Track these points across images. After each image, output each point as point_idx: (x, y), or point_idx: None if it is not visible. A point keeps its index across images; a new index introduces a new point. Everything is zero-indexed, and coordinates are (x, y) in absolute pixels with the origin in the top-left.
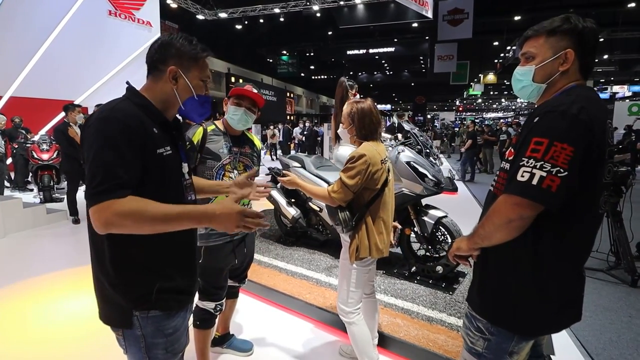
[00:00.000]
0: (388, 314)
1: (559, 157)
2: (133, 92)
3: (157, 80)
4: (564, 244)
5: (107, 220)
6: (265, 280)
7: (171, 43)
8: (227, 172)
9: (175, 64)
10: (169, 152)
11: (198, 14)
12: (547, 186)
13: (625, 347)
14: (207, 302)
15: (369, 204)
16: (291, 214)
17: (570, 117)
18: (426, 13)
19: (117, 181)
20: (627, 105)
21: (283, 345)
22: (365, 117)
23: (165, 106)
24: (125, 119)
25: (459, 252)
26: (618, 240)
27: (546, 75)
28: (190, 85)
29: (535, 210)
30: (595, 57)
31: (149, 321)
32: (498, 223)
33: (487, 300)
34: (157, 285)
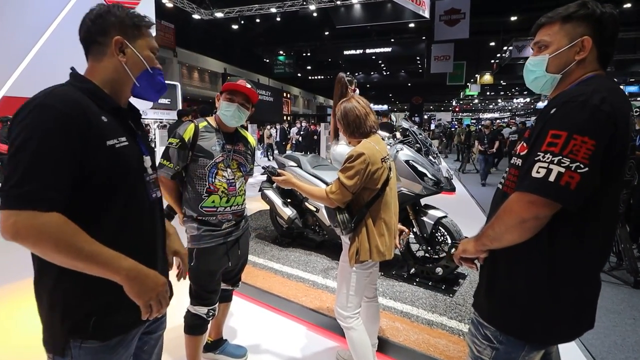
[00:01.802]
0: (387, 318)
1: (579, 151)
2: (76, 77)
3: (100, 56)
4: (582, 246)
5: (18, 232)
6: (260, 283)
7: (109, 11)
8: (220, 170)
9: (119, 33)
10: (123, 144)
11: (194, 14)
12: (565, 183)
13: (630, 350)
14: (199, 307)
15: (369, 204)
16: (287, 214)
17: (591, 107)
18: (423, 13)
19: (41, 184)
20: None
21: (278, 350)
22: (349, 113)
23: (115, 88)
24: (61, 106)
25: (465, 255)
26: (620, 240)
27: (561, 65)
28: (141, 57)
29: (552, 209)
30: (615, 45)
31: (83, 352)
32: (510, 223)
33: (496, 307)
34: (94, 316)
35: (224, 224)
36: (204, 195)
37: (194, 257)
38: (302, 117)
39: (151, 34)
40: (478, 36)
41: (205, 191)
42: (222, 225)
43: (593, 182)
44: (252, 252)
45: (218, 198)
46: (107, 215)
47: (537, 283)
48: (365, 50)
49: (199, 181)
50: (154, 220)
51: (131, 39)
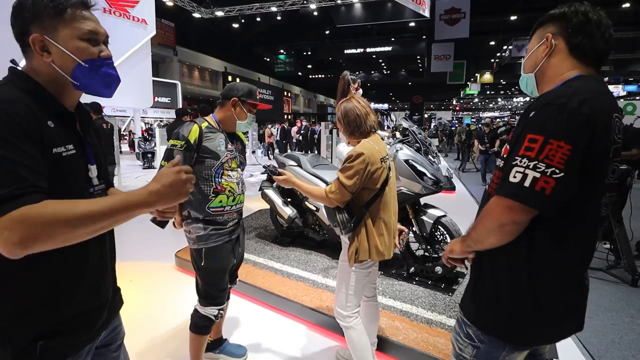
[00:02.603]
0: (386, 317)
1: (554, 156)
2: (17, 74)
3: (30, 58)
4: (563, 250)
5: (23, 236)
6: (260, 282)
7: (21, 4)
8: (225, 170)
9: (37, 29)
10: (70, 152)
11: (194, 12)
12: (540, 188)
13: (627, 348)
14: (209, 308)
15: (368, 204)
16: (287, 213)
17: (569, 111)
18: (423, 12)
19: (21, 184)
20: (623, 104)
21: (278, 349)
22: (349, 113)
23: (57, 89)
24: (7, 107)
25: (452, 255)
26: (618, 239)
27: (533, 64)
28: (66, 50)
29: (528, 214)
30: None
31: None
32: (490, 227)
33: (479, 307)
34: (40, 342)
35: (229, 223)
36: (211, 195)
37: (204, 256)
38: (303, 116)
39: (84, 14)
40: (478, 35)
41: (212, 192)
42: (227, 224)
43: (570, 187)
44: (252, 252)
45: (225, 197)
46: None
47: (518, 285)
48: (365, 49)
49: (205, 182)
50: (102, 238)
51: (51, 32)
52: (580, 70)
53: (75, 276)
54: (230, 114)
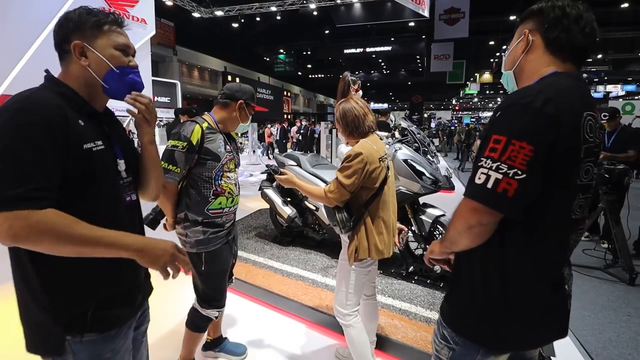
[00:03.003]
0: (385, 315)
1: (516, 157)
2: (52, 80)
3: (68, 63)
4: (533, 253)
5: (17, 234)
6: (260, 281)
7: (67, 18)
8: (225, 172)
9: (78, 37)
10: (100, 148)
11: (194, 12)
12: (502, 190)
13: (624, 346)
14: (211, 311)
15: (367, 203)
16: (287, 213)
17: (532, 111)
18: (423, 12)
19: (34, 185)
20: (621, 104)
21: (278, 348)
22: (347, 114)
23: (89, 92)
24: (42, 110)
25: (432, 255)
26: (615, 238)
27: (511, 61)
28: (102, 57)
29: (493, 216)
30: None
31: (83, 346)
32: (459, 228)
33: (453, 308)
34: (92, 306)
35: (227, 224)
36: (211, 197)
37: (204, 261)
38: (303, 116)
39: (119, 30)
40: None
41: (212, 194)
42: (224, 226)
43: (532, 189)
44: (252, 251)
45: (225, 199)
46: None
47: (491, 289)
48: (365, 49)
49: (205, 184)
50: (132, 224)
51: (91, 40)
52: (556, 66)
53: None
54: (234, 116)
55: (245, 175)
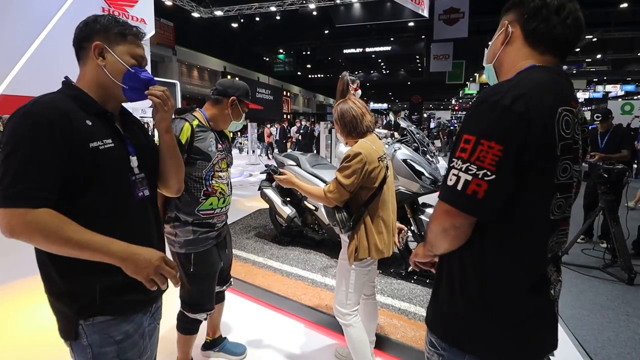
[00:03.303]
0: (385, 315)
1: (485, 157)
2: (66, 84)
3: (85, 62)
4: (510, 254)
5: (13, 229)
6: (259, 281)
7: (96, 20)
8: (216, 172)
9: (101, 39)
10: (109, 146)
11: (193, 12)
12: (472, 192)
13: (623, 345)
14: (198, 315)
15: (367, 203)
16: (286, 213)
17: (501, 109)
18: (422, 12)
19: (31, 184)
20: (620, 104)
21: (277, 348)
22: (345, 114)
23: (102, 93)
24: (46, 113)
25: (417, 259)
26: (614, 238)
27: (492, 54)
28: (120, 60)
29: (465, 218)
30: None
31: (94, 328)
32: (436, 231)
33: (437, 314)
34: (98, 288)
35: (218, 225)
36: (202, 198)
37: (193, 262)
38: (302, 116)
39: (139, 43)
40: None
41: (202, 194)
42: (215, 226)
43: (504, 190)
44: (251, 251)
45: (216, 200)
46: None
47: (470, 293)
48: (365, 49)
49: (195, 184)
50: (145, 218)
51: (112, 45)
52: (534, 59)
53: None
54: (226, 113)
55: (244, 175)
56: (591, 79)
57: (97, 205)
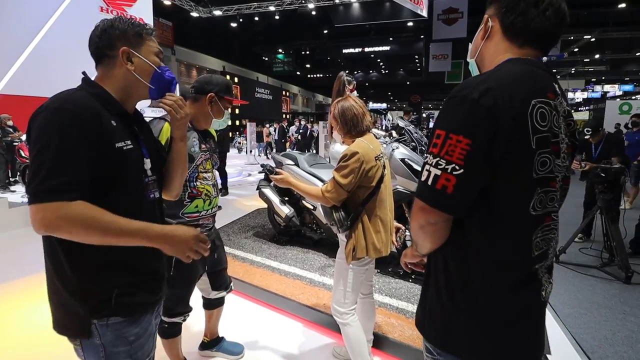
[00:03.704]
0: (383, 314)
1: (454, 151)
2: (88, 82)
3: (110, 67)
4: (491, 252)
5: (50, 223)
6: (257, 281)
7: (113, 25)
8: (200, 173)
9: (124, 44)
10: (129, 147)
11: (192, 11)
12: (442, 187)
13: (620, 344)
14: (176, 318)
15: (364, 202)
16: (284, 212)
17: (469, 102)
18: (421, 12)
19: (65, 179)
20: (618, 104)
21: (275, 347)
22: (346, 112)
23: (124, 95)
24: (79, 111)
25: (406, 259)
26: (612, 237)
27: (474, 49)
28: (148, 61)
29: (437, 214)
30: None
31: (109, 329)
32: (414, 229)
33: (426, 316)
34: (115, 291)
35: (201, 229)
36: (186, 201)
37: (174, 266)
38: (301, 116)
39: (153, 39)
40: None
41: (187, 196)
42: (199, 229)
43: (473, 184)
44: (249, 250)
45: (202, 202)
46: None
47: (453, 290)
48: (364, 48)
49: None
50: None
51: (136, 47)
52: (512, 53)
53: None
54: (205, 111)
55: (243, 175)
56: (589, 79)
57: (116, 206)
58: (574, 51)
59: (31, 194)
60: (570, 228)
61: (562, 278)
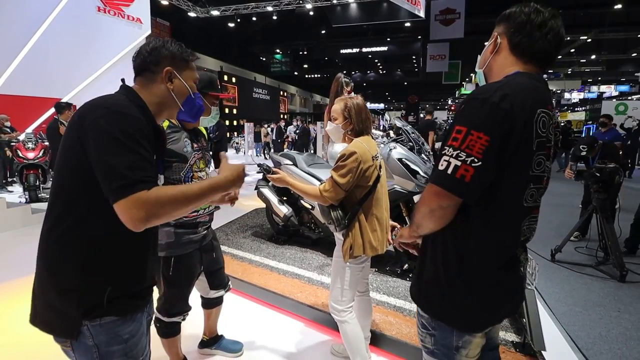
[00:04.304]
0: (380, 312)
1: (474, 146)
2: (130, 92)
3: (150, 82)
4: (487, 236)
5: (148, 212)
6: (256, 280)
7: (164, 46)
8: (195, 173)
9: (169, 65)
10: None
11: (190, 11)
12: (460, 176)
13: (614, 341)
14: (176, 317)
15: (361, 201)
16: (283, 212)
17: (490, 105)
18: (418, 12)
19: (143, 173)
20: (614, 104)
21: (274, 345)
22: (362, 112)
23: (158, 110)
24: (138, 116)
25: (401, 240)
26: (606, 236)
27: (483, 61)
28: (187, 85)
29: (451, 199)
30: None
31: (102, 329)
32: (423, 212)
33: (423, 293)
34: (107, 290)
35: (199, 227)
36: None
37: (172, 266)
38: (299, 116)
39: (195, 67)
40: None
41: None
42: (197, 228)
43: (488, 176)
44: (248, 250)
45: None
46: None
47: (451, 270)
48: (361, 49)
49: None
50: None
51: (179, 70)
52: (519, 67)
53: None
54: None
55: None
56: (586, 80)
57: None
58: (571, 52)
59: (115, 191)
60: (567, 229)
61: (557, 276)
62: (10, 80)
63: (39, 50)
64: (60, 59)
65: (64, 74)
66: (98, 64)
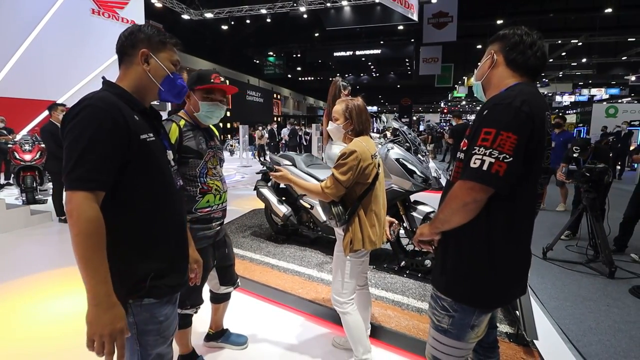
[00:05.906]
0: (379, 306)
1: (504, 144)
2: (109, 84)
3: (129, 66)
4: (513, 223)
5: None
6: (257, 277)
7: (140, 30)
8: (209, 169)
9: (145, 47)
10: (151, 139)
11: (183, 14)
12: (495, 171)
13: (603, 333)
14: (189, 310)
15: (361, 197)
16: (282, 211)
17: (514, 109)
18: (411, 16)
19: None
20: (605, 107)
21: (277, 338)
22: (363, 113)
23: (141, 93)
24: (107, 107)
25: (422, 237)
26: (596, 235)
27: (481, 74)
28: (163, 65)
29: (486, 193)
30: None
31: (143, 309)
32: (455, 207)
33: (450, 280)
34: (151, 275)
35: (213, 222)
36: (198, 196)
37: None
38: (292, 118)
39: (175, 50)
40: (465, 39)
41: (199, 192)
42: (211, 223)
43: (517, 169)
44: (248, 249)
45: (212, 197)
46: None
47: (478, 257)
48: (355, 52)
49: (191, 183)
50: (181, 208)
51: (155, 52)
52: (516, 79)
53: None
54: (189, 109)
55: (237, 177)
56: (576, 83)
57: (148, 190)
58: (562, 55)
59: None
60: (558, 228)
61: (549, 273)
62: (5, 82)
63: (33, 53)
64: (54, 61)
65: (59, 76)
66: (92, 66)
